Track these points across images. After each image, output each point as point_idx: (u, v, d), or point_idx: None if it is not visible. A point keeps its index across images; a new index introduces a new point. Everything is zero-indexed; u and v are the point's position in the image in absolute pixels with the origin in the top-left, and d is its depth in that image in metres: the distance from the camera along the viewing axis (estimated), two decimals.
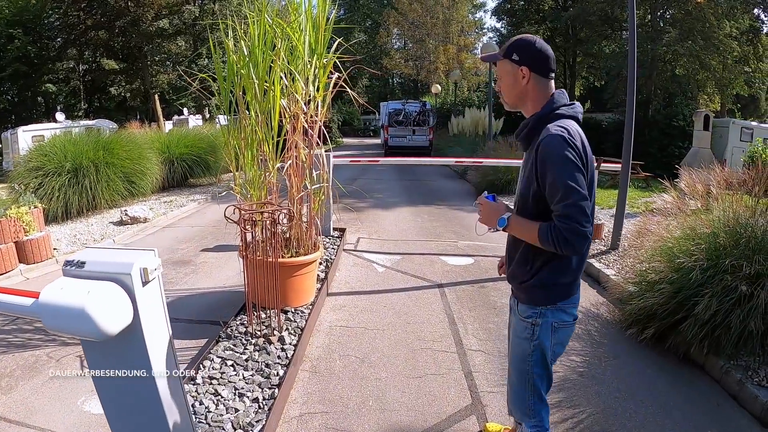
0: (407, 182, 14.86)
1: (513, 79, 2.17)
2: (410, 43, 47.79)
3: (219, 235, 8.44)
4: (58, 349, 4.71)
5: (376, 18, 52.60)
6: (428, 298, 5.54)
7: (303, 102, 4.79)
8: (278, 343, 4.19)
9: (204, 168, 14.85)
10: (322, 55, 4.95)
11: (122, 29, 31.10)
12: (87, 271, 1.88)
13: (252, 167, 4.88)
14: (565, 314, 2.26)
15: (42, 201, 9.07)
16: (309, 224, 5.11)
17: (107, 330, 1.74)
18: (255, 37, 4.53)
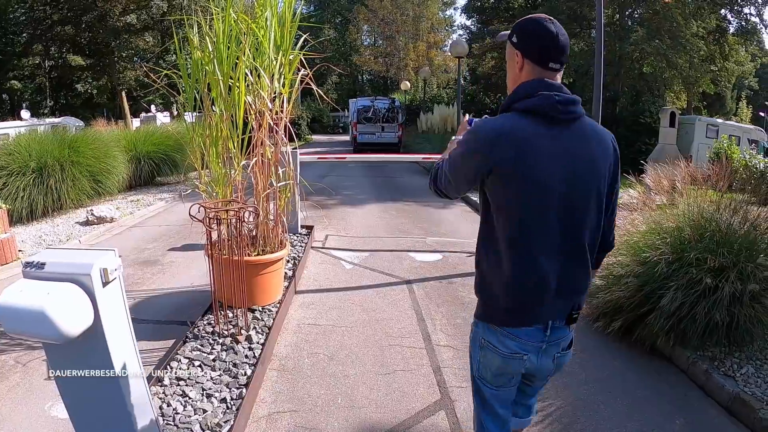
0: (376, 179, 14.87)
1: (512, 64, 1.88)
2: (380, 40, 47.90)
3: (186, 234, 8.33)
4: (25, 353, 4.60)
5: (346, 15, 52.52)
6: (396, 295, 5.56)
7: (268, 99, 4.77)
8: (246, 342, 4.15)
9: (171, 166, 14.65)
10: (287, 51, 4.92)
11: (89, 24, 30.56)
12: (47, 272, 1.86)
13: (217, 165, 4.84)
14: (495, 338, 1.89)
15: (6, 201, 8.87)
16: (275, 222, 5.08)
17: (68, 332, 1.72)
18: (220, 33, 4.50)
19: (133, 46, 32.48)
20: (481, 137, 1.76)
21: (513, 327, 1.84)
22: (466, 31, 41.90)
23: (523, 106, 1.75)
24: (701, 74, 21.47)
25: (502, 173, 1.71)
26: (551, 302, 1.81)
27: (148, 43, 32.84)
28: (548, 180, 1.70)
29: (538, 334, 1.84)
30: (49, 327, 1.69)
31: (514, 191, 1.72)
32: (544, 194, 1.71)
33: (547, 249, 1.75)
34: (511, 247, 1.76)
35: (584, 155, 1.76)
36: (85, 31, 31.53)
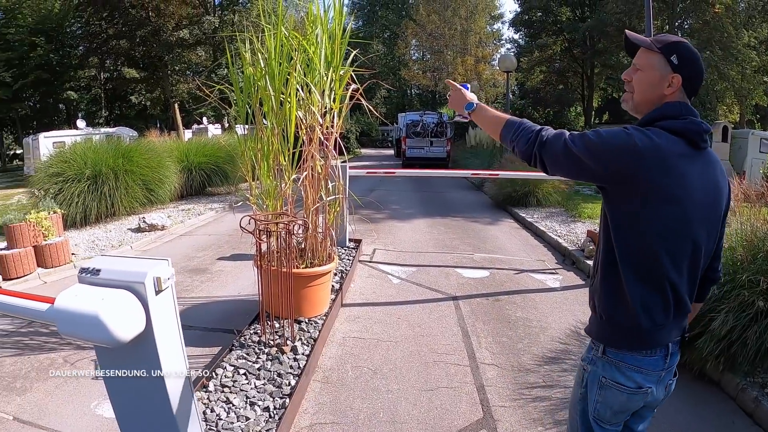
0: (424, 194, 14.84)
1: (657, 80, 1.76)
2: (428, 55, 47.94)
3: (235, 244, 8.49)
4: (74, 353, 4.78)
5: (394, 29, 52.90)
6: (442, 311, 5.53)
7: (319, 114, 4.84)
8: (291, 353, 4.20)
9: (222, 177, 15.01)
10: (338, 67, 4.98)
11: (143, 39, 31.65)
12: (102, 278, 1.91)
13: (268, 178, 4.93)
14: (622, 375, 1.80)
15: (61, 206, 9.21)
16: (324, 235, 5.14)
17: (120, 337, 1.77)
18: (272, 50, 4.60)
19: (185, 60, 33.45)
20: (635, 146, 1.62)
21: (640, 353, 1.78)
22: (514, 44, 41.83)
23: (671, 125, 1.70)
24: (754, 86, 20.90)
25: (647, 189, 1.64)
26: (672, 323, 1.80)
27: (200, 57, 33.75)
28: (689, 202, 1.67)
29: (660, 362, 1.80)
30: (102, 331, 1.73)
31: (656, 211, 1.66)
32: (684, 216, 1.68)
33: (677, 270, 1.72)
34: (645, 267, 1.71)
35: (714, 182, 1.75)
36: (139, 45, 32.63)
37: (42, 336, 5.26)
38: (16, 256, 7.54)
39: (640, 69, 1.82)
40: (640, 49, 1.84)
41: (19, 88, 35.70)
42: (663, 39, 1.79)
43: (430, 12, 42.12)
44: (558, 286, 6.32)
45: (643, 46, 1.82)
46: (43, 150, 24.59)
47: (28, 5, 38.08)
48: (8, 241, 7.84)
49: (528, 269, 7.00)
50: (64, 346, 4.94)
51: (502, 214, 11.33)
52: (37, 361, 4.72)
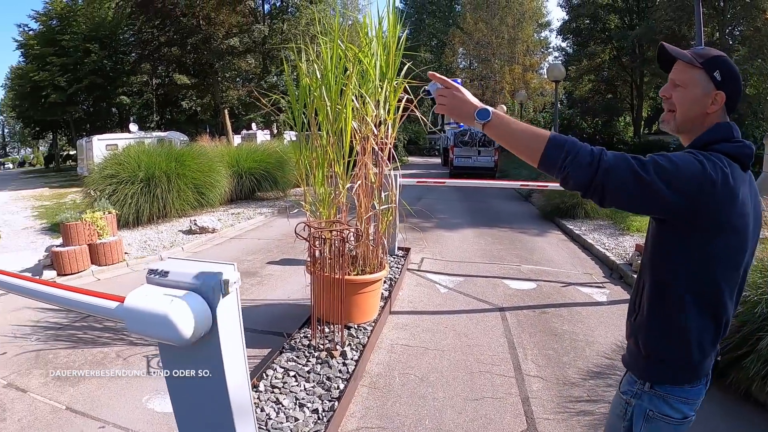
0: (471, 203, 14.81)
1: (700, 97, 1.66)
2: (475, 63, 47.80)
3: (285, 248, 8.66)
4: (126, 348, 4.98)
5: (441, 38, 52.95)
6: (489, 322, 5.54)
7: (373, 124, 4.93)
8: (340, 357, 4.28)
9: (272, 183, 15.28)
10: (392, 79, 5.06)
11: (194, 46, 32.47)
12: (170, 280, 2.00)
13: (322, 186, 5.03)
14: (669, 407, 1.75)
15: (115, 207, 9.54)
16: (376, 243, 5.22)
17: (188, 336, 1.85)
18: (328, 62, 4.69)
19: (235, 67, 34.07)
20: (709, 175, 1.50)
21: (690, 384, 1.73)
22: (562, 53, 41.30)
23: (728, 150, 1.60)
24: None
25: (717, 220, 1.54)
26: (713, 351, 1.73)
27: (250, 64, 34.34)
28: (747, 230, 1.60)
29: (702, 390, 1.77)
30: (171, 330, 1.81)
31: (724, 241, 1.58)
32: (742, 245, 1.61)
33: (732, 299, 1.67)
34: (706, 299, 1.64)
35: (756, 203, 1.66)
36: (190, 52, 33.49)
37: (95, 331, 5.51)
38: (71, 253, 7.86)
39: (680, 85, 1.71)
40: (677, 63, 1.74)
41: (73, 92, 37.10)
42: (704, 53, 1.69)
43: (477, 20, 42.10)
44: (605, 300, 6.26)
45: (682, 60, 1.71)
46: (96, 152, 25.39)
47: (83, 13, 39.67)
48: (64, 238, 8.17)
49: (575, 282, 6.95)
50: (117, 342, 5.15)
51: (549, 225, 11.24)
52: (90, 355, 4.94)
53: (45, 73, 36.56)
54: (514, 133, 1.62)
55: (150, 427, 3.69)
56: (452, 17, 55.71)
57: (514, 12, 41.74)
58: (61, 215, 8.85)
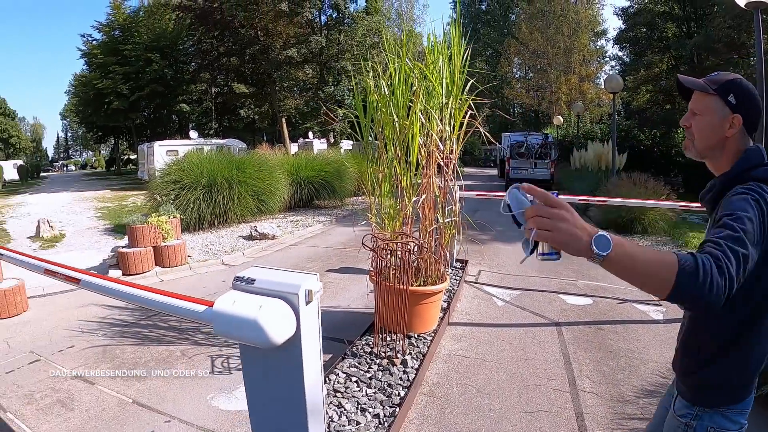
0: None
1: (718, 123, 1.72)
2: (531, 73, 47.40)
3: (343, 257, 8.85)
4: (191, 348, 5.23)
5: (496, 47, 52.71)
6: (545, 336, 5.56)
7: (439, 140, 5.05)
8: (401, 365, 4.41)
9: (330, 191, 15.57)
10: (457, 95, 5.16)
11: (252, 56, 33.19)
12: (256, 287, 2.16)
13: (389, 199, 5.18)
14: (728, 420, 1.76)
15: (177, 211, 9.91)
16: (438, 256, 5.30)
17: (274, 340, 2.01)
18: (396, 79, 4.84)
19: (293, 77, 34.62)
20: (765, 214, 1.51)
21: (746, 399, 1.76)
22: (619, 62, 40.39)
23: (760, 174, 1.63)
24: None
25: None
26: None
27: (308, 74, 34.83)
28: None
29: (753, 398, 1.79)
30: (260, 334, 1.97)
31: None
32: None
33: None
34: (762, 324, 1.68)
35: None
36: (248, 62, 34.27)
37: (160, 330, 5.81)
38: (137, 254, 8.25)
39: (698, 114, 1.78)
40: (694, 93, 1.80)
41: (135, 99, 38.68)
42: (718, 79, 1.75)
43: (532, 30, 41.78)
44: (661, 319, 6.18)
45: (696, 89, 1.78)
46: (157, 157, 26.31)
47: (144, 24, 41.46)
48: (130, 240, 8.57)
49: (631, 299, 6.88)
50: (181, 341, 5.41)
51: None
52: (156, 352, 5.20)
53: (108, 81, 38.28)
54: (637, 266, 1.31)
55: (214, 423, 3.88)
56: (507, 27, 55.44)
57: (569, 21, 41.24)
58: (127, 218, 9.26)
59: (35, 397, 4.47)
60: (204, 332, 5.61)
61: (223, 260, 9.23)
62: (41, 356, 5.36)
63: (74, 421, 4.04)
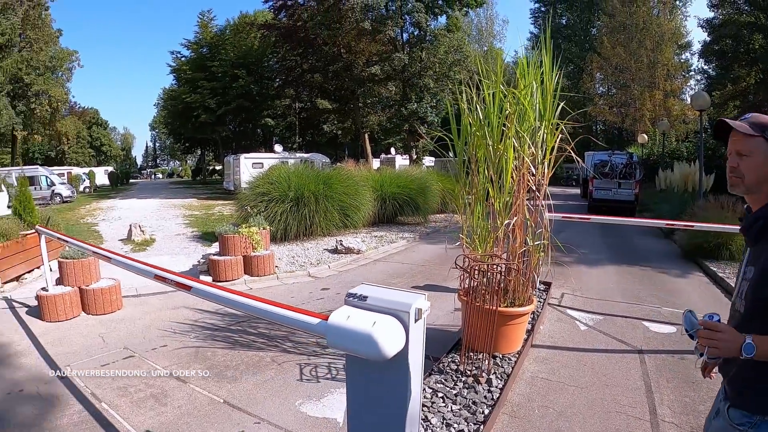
0: (611, 239, 14.45)
1: (762, 162, 1.87)
2: (614, 89, 46.22)
3: (428, 274, 8.99)
4: (280, 355, 5.47)
5: (578, 63, 51.71)
6: (627, 363, 5.49)
7: (531, 164, 5.14)
8: (486, 384, 4.50)
9: (413, 208, 15.76)
10: (550, 120, 5.23)
11: (336, 73, 33.86)
12: (369, 304, 2.32)
13: (481, 221, 5.29)
14: None
15: (265, 222, 10.32)
16: (527, 278, 5.35)
17: (385, 354, 2.15)
18: (490, 103, 4.96)
19: (376, 93, 35.02)
20: None
21: None
22: (704, 75, 38.88)
23: None
24: None
25: None
26: None
27: (391, 91, 35.16)
28: None
29: None
30: (373, 348, 2.13)
31: None
32: None
33: None
34: None
35: None
36: (332, 79, 35.02)
37: (250, 335, 6.09)
38: (227, 263, 8.66)
39: (745, 155, 1.91)
40: (734, 134, 1.94)
41: (222, 113, 40.60)
42: (758, 121, 1.89)
43: (614, 44, 40.71)
44: None
45: (742, 132, 1.90)
46: (243, 169, 27.30)
47: (231, 42, 43.49)
48: (221, 248, 9.00)
49: None
50: (271, 348, 5.66)
51: (691, 266, 10.73)
52: (246, 357, 5.47)
53: (196, 95, 40.37)
54: None
55: (302, 428, 4.07)
56: (588, 41, 54.40)
57: (652, 34, 39.91)
58: (214, 226, 9.73)
59: (129, 390, 4.83)
60: (293, 341, 5.86)
61: (309, 272, 9.52)
62: (135, 353, 5.77)
63: (167, 415, 4.34)
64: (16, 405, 4.63)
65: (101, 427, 4.22)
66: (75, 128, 65.95)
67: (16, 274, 9.36)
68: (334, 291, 8.29)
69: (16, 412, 4.50)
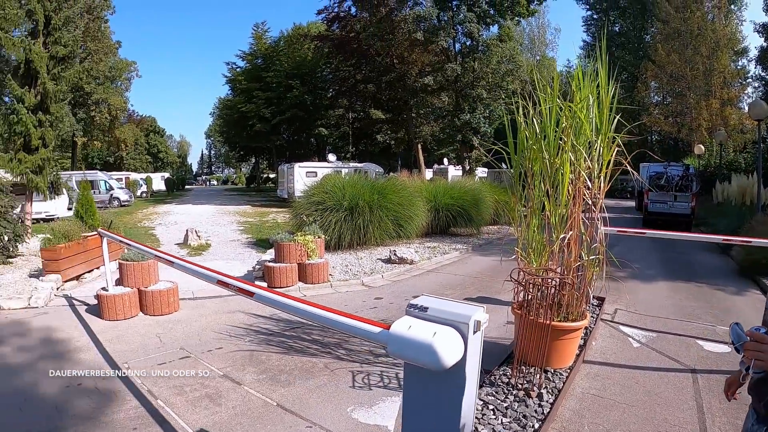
0: (666, 254, 14.11)
1: None
2: (669, 98, 45.06)
3: (481, 286, 9.01)
4: (333, 362, 5.57)
5: (631, 71, 50.57)
6: (679, 382, 5.39)
7: (588, 178, 5.13)
8: (536, 398, 4.49)
9: (466, 219, 15.78)
10: (606, 133, 5.20)
11: (389, 84, 34.17)
12: (429, 315, 2.39)
13: (536, 234, 5.30)
14: None
15: (320, 231, 10.51)
16: (581, 293, 5.33)
17: (445, 364, 2.22)
18: (546, 117, 4.99)
19: (428, 104, 35.16)
20: None
21: None
22: (762, 82, 37.60)
23: None
24: None
25: None
26: None
27: (443, 101, 35.22)
28: None
29: None
30: (433, 357, 2.21)
31: None
32: None
33: None
34: None
35: None
36: (385, 89, 35.35)
37: (303, 341, 6.21)
38: (282, 269, 8.87)
39: None
40: None
41: (277, 123, 41.64)
42: None
43: (669, 51, 39.62)
44: None
45: None
46: (297, 177, 27.78)
47: (285, 53, 44.56)
48: (276, 255, 9.22)
49: None
50: (324, 354, 5.77)
51: (748, 283, 10.40)
52: (300, 362, 5.58)
53: (251, 105, 41.55)
54: None
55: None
56: (642, 49, 53.08)
57: (707, 40, 38.67)
58: (269, 233, 9.96)
59: (185, 389, 5.00)
60: (345, 348, 5.95)
61: (362, 281, 9.66)
62: (191, 353, 5.97)
63: (221, 415, 4.49)
64: (74, 398, 4.86)
65: (157, 423, 4.39)
66: (133, 135, 68.41)
67: (76, 274, 9.83)
68: (387, 300, 8.38)
69: (74, 405, 4.72)
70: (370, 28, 31.78)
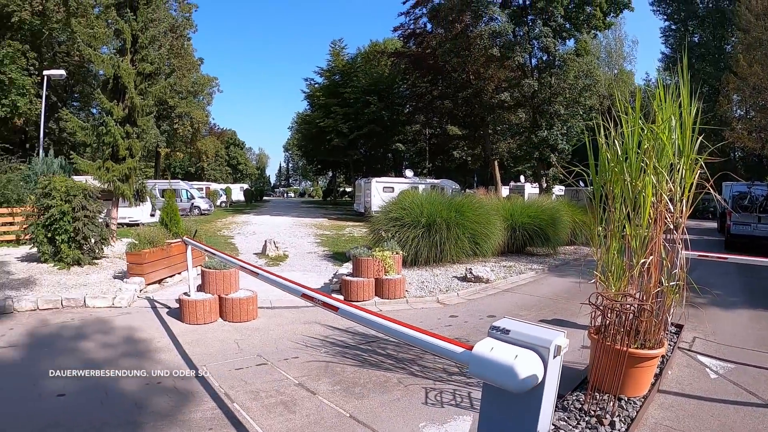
0: (749, 279, 13.43)
1: None
2: (752, 111, 42.93)
3: (556, 308, 8.90)
4: (407, 377, 5.61)
5: (713, 83, 48.41)
6: (757, 417, 5.10)
7: (668, 201, 5.04)
8: (608, 426, 4.40)
9: (543, 239, 15.61)
10: (689, 155, 5.09)
11: (465, 100, 34.38)
12: (510, 338, 2.46)
13: (617, 258, 5.23)
14: None
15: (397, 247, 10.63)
16: (660, 320, 5.21)
17: (524, 386, 2.29)
18: (629, 139, 4.94)
19: (505, 120, 35.05)
20: None
21: None
22: None
23: None
24: None
25: None
26: None
27: (520, 118, 35.03)
28: None
29: None
30: (512, 379, 2.28)
31: None
32: None
33: None
34: None
35: None
36: (461, 105, 35.62)
37: (378, 356, 6.29)
38: (360, 284, 9.04)
39: None
40: None
41: (354, 138, 42.56)
42: None
43: (751, 62, 37.35)
44: None
45: None
46: (374, 192, 28.19)
47: (362, 70, 45.67)
48: (354, 269, 9.41)
49: None
50: (398, 370, 5.82)
51: None
52: (374, 376, 5.66)
53: (329, 120, 42.78)
54: None
55: None
56: (723, 59, 50.75)
57: None
58: (345, 247, 10.16)
59: (261, 395, 5.16)
60: (420, 365, 6.00)
61: (438, 298, 9.72)
62: (268, 361, 6.15)
63: (295, 422, 4.61)
64: (153, 396, 5.11)
65: (232, 425, 4.57)
66: (214, 147, 71.18)
67: (158, 278, 10.37)
68: (461, 319, 8.37)
69: (153, 402, 4.97)
70: (445, 45, 31.96)
